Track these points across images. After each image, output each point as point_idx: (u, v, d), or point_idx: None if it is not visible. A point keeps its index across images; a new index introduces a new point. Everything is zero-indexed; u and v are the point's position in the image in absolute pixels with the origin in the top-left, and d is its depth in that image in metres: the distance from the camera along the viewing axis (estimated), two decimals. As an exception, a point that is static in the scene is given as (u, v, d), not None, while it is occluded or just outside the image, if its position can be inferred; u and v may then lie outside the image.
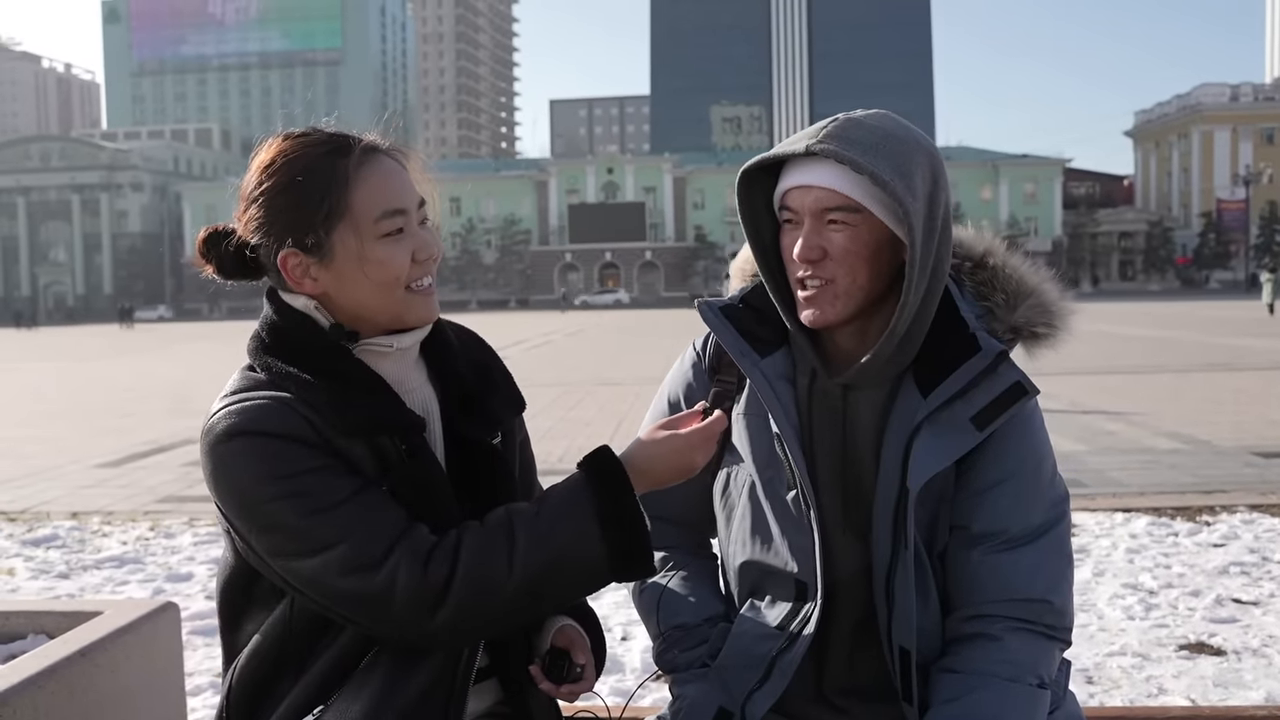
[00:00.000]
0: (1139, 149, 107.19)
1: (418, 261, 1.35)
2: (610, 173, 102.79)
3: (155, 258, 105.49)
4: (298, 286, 1.34)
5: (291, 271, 1.33)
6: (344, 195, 1.30)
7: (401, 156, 1.37)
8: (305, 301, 1.35)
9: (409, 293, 1.34)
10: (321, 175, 1.30)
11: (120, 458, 9.68)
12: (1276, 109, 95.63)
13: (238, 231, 1.36)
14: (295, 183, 1.30)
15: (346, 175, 1.30)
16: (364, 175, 1.31)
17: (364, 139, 1.35)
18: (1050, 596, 1.44)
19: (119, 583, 5.06)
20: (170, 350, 30.88)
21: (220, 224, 1.40)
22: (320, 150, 1.32)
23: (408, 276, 1.34)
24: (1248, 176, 70.68)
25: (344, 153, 1.32)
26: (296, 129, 1.37)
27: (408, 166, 1.37)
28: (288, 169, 1.31)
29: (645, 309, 72.22)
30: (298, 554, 1.25)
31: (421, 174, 1.39)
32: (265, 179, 1.32)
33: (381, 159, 1.34)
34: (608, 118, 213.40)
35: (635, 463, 1.32)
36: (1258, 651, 3.80)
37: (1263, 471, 7.59)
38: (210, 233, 1.39)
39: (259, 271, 1.38)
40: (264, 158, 1.34)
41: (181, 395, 15.85)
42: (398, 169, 1.35)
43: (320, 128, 1.36)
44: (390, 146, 1.37)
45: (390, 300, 1.34)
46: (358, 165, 1.31)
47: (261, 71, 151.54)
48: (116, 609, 2.25)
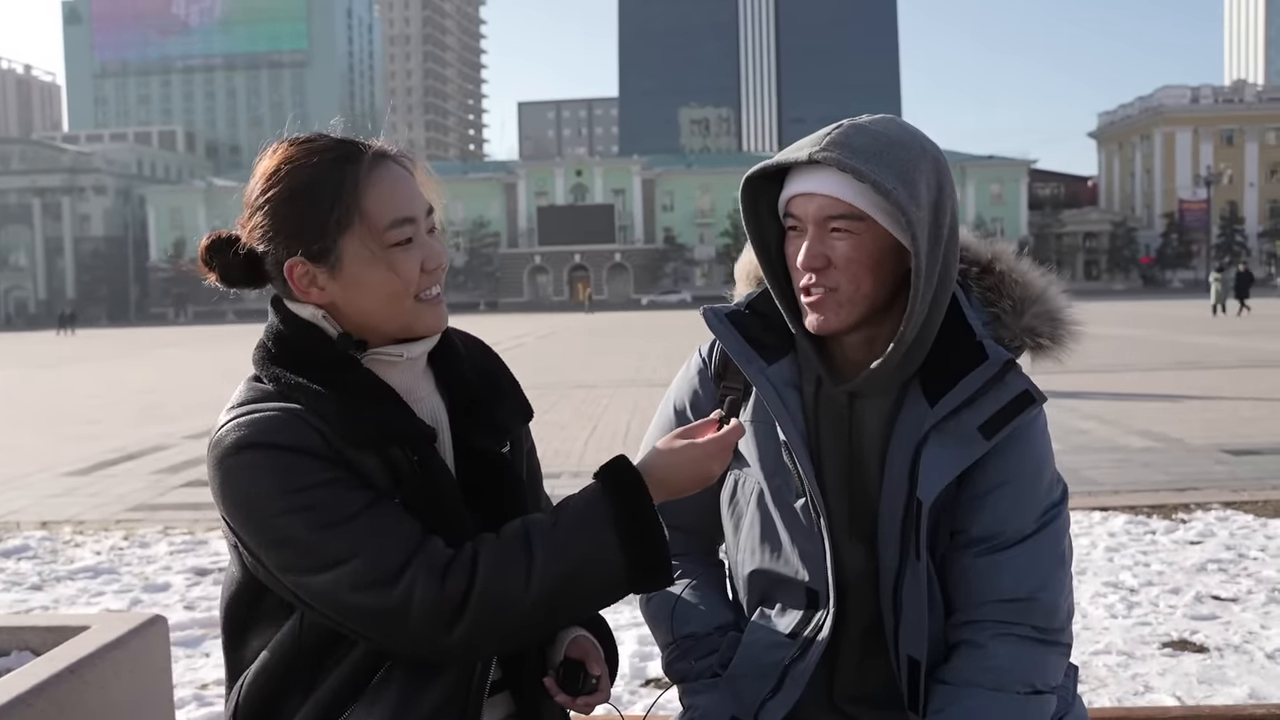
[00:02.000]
0: (1102, 150, 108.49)
1: (427, 271, 1.32)
2: (579, 175, 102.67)
3: (119, 262, 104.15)
4: (304, 296, 1.31)
5: (298, 280, 1.30)
6: (354, 203, 1.27)
7: (409, 163, 1.34)
8: (312, 311, 1.32)
9: (418, 302, 1.32)
10: (330, 182, 1.27)
11: (89, 465, 9.55)
12: (1235, 111, 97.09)
13: (242, 239, 1.33)
14: (303, 189, 1.27)
15: (356, 182, 1.27)
16: (374, 182, 1.28)
17: (373, 145, 1.32)
18: (1038, 594, 1.43)
19: (94, 594, 4.97)
20: (137, 357, 30.50)
21: (223, 231, 1.36)
22: (329, 157, 1.29)
23: (417, 286, 1.31)
24: (1209, 177, 71.69)
25: (353, 159, 1.29)
26: (301, 134, 1.33)
27: (414, 173, 1.35)
28: (295, 175, 1.28)
29: (615, 310, 72.19)
30: (310, 569, 1.22)
31: (427, 181, 1.37)
32: (271, 185, 1.29)
33: (390, 166, 1.31)
34: (576, 120, 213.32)
35: (653, 472, 1.30)
36: (1239, 648, 3.84)
37: (1233, 469, 7.69)
38: (214, 239, 1.35)
39: (263, 279, 1.35)
40: (269, 164, 1.30)
41: (149, 403, 15.66)
42: (406, 176, 1.33)
43: (327, 133, 1.33)
44: (398, 153, 1.34)
45: (399, 310, 1.31)
46: (368, 172, 1.28)
47: (226, 73, 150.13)
48: (103, 623, 2.21)
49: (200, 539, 6.13)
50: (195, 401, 15.44)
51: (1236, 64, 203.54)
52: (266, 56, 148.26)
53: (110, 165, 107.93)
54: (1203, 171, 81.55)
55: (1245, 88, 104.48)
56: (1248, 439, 8.92)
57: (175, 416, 13.44)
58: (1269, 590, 4.51)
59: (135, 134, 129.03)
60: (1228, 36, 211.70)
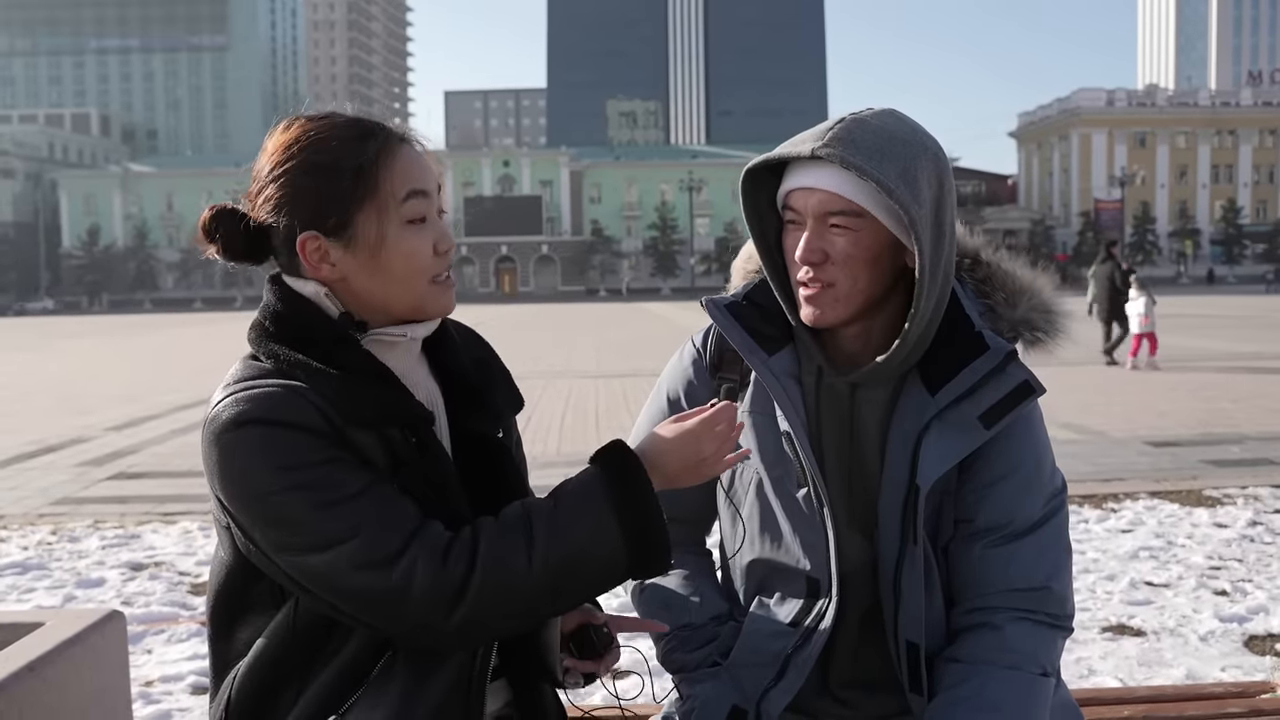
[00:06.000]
0: (1022, 149, 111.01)
1: (439, 254, 1.31)
2: (506, 165, 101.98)
3: (30, 248, 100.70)
4: (314, 271, 1.29)
5: (310, 256, 1.28)
6: (372, 174, 1.26)
7: (422, 143, 1.34)
8: (315, 288, 1.30)
9: (432, 285, 1.31)
10: (351, 155, 1.26)
11: (6, 458, 9.22)
12: (1148, 114, 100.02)
13: (250, 212, 1.31)
14: (323, 162, 1.26)
15: (375, 157, 1.27)
16: (392, 157, 1.28)
17: (388, 124, 1.32)
18: (1051, 583, 1.47)
19: (24, 590, 4.80)
20: (51, 346, 29.51)
21: (227, 203, 1.33)
22: (349, 133, 1.28)
23: (431, 269, 1.30)
24: (1123, 178, 73.65)
25: (374, 135, 1.29)
26: (315, 112, 1.32)
27: (426, 154, 1.34)
28: (315, 148, 1.27)
29: (542, 303, 71.92)
30: (307, 549, 1.19)
31: (435, 165, 1.35)
32: (288, 158, 1.27)
33: (406, 144, 1.31)
34: (504, 110, 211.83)
35: (647, 455, 1.29)
36: (1174, 631, 3.98)
37: (1155, 460, 7.95)
38: (218, 210, 1.32)
39: (265, 254, 1.33)
40: (286, 137, 1.29)
41: (66, 394, 15.15)
42: (420, 154, 1.32)
43: (339, 112, 1.32)
44: (411, 133, 1.33)
45: (412, 291, 1.30)
46: (386, 147, 1.28)
47: (143, 55, 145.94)
48: (59, 619, 2.13)
49: (133, 533, 5.96)
50: (114, 393, 15.00)
51: (1149, 67, 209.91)
52: (186, 40, 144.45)
53: (19, 148, 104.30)
54: (1117, 172, 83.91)
55: (1157, 92, 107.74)
56: (1166, 432, 9.23)
57: (94, 408, 13.04)
58: (1198, 576, 4.68)
59: (46, 115, 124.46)
60: (1141, 40, 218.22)
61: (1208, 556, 5.01)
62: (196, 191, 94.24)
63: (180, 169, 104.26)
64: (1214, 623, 4.04)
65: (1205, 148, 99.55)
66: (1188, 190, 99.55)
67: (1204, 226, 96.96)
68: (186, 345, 27.57)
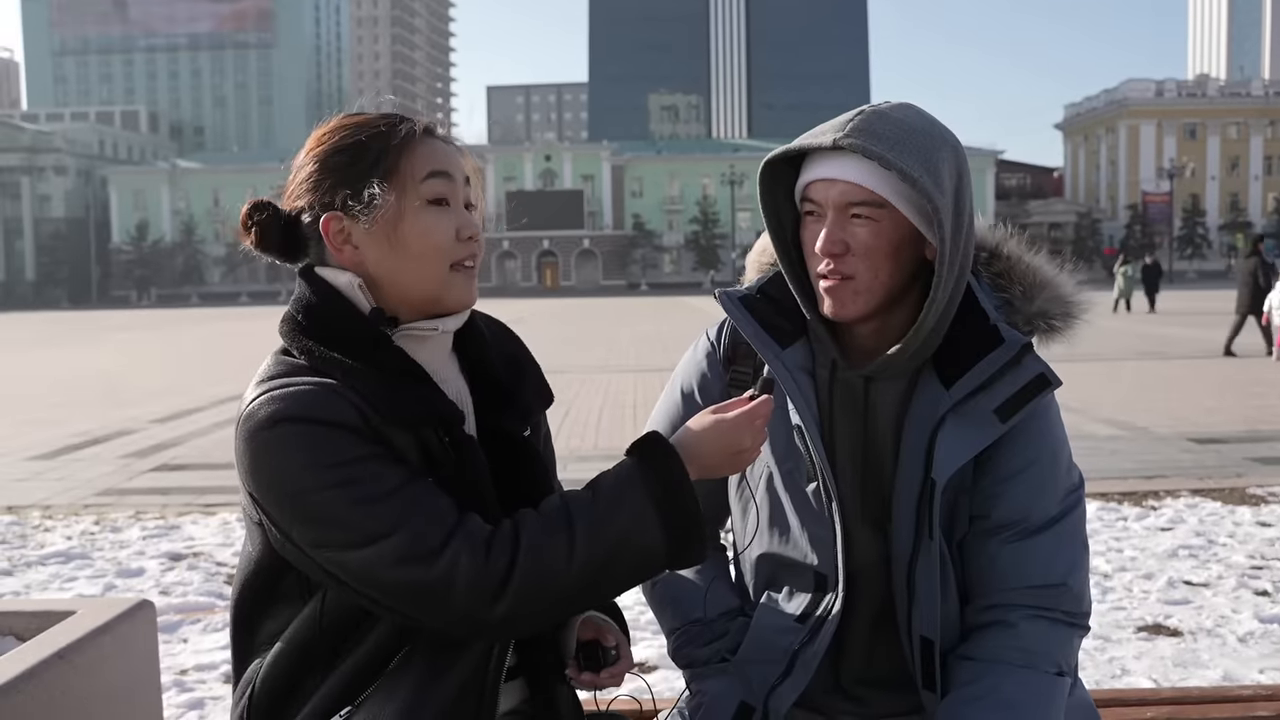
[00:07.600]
0: (1068, 142, 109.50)
1: (461, 240, 1.33)
2: (548, 160, 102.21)
3: (81, 244, 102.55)
4: (337, 254, 1.32)
5: (334, 238, 1.31)
6: (394, 155, 1.30)
7: (456, 143, 1.38)
8: (349, 279, 1.31)
9: (452, 271, 1.32)
10: (379, 137, 1.31)
11: (54, 450, 9.40)
12: (1198, 105, 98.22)
13: (284, 205, 1.35)
14: (351, 143, 1.31)
15: (401, 141, 1.31)
16: (418, 143, 1.32)
17: (418, 118, 1.36)
18: (1068, 580, 1.45)
19: (67, 579, 4.90)
20: (100, 340, 30.07)
21: (264, 197, 1.38)
22: (377, 121, 1.33)
23: (451, 253, 1.32)
24: (1171, 170, 72.56)
25: (400, 123, 1.33)
26: (355, 111, 1.38)
27: (461, 153, 1.38)
28: (346, 133, 1.32)
29: (583, 297, 72.04)
30: (348, 545, 1.20)
31: (472, 166, 1.39)
32: (320, 144, 1.34)
33: (432, 135, 1.35)
34: (545, 105, 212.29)
35: (685, 447, 1.29)
36: (1212, 632, 3.91)
37: (1199, 457, 7.81)
38: (255, 203, 1.36)
39: (299, 249, 1.36)
40: (320, 130, 1.36)
41: (112, 387, 15.43)
42: (450, 149, 1.36)
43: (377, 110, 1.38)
44: (446, 134, 1.38)
45: (430, 275, 1.31)
46: (414, 135, 1.32)
47: (190, 53, 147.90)
48: (90, 608, 2.17)
49: (173, 524, 6.06)
50: (160, 386, 15.26)
51: (1200, 58, 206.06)
52: (232, 36, 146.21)
53: (71, 145, 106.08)
54: (1166, 164, 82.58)
55: (1208, 82, 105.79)
56: (1211, 428, 9.06)
57: (140, 400, 13.26)
58: (1238, 575, 4.59)
59: (97, 113, 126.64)
60: (1192, 31, 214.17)
61: (1249, 556, 4.93)
62: (242, 187, 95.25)
63: (226, 165, 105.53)
64: (1254, 623, 3.97)
65: (1258, 139, 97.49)
66: (1239, 182, 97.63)
67: (1256, 219, 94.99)
68: (231, 339, 27.97)
